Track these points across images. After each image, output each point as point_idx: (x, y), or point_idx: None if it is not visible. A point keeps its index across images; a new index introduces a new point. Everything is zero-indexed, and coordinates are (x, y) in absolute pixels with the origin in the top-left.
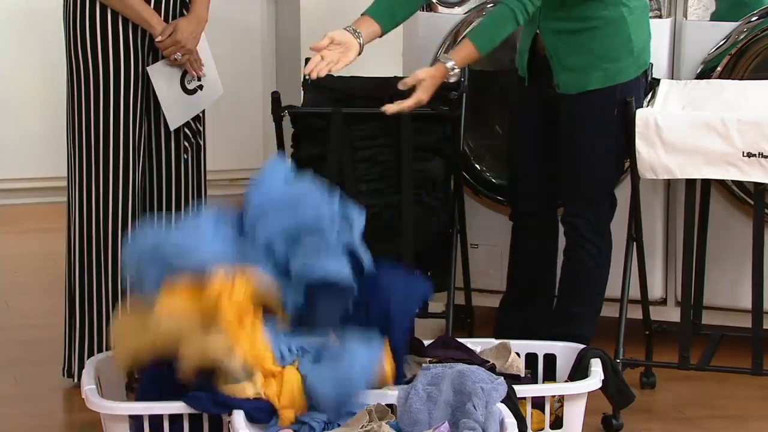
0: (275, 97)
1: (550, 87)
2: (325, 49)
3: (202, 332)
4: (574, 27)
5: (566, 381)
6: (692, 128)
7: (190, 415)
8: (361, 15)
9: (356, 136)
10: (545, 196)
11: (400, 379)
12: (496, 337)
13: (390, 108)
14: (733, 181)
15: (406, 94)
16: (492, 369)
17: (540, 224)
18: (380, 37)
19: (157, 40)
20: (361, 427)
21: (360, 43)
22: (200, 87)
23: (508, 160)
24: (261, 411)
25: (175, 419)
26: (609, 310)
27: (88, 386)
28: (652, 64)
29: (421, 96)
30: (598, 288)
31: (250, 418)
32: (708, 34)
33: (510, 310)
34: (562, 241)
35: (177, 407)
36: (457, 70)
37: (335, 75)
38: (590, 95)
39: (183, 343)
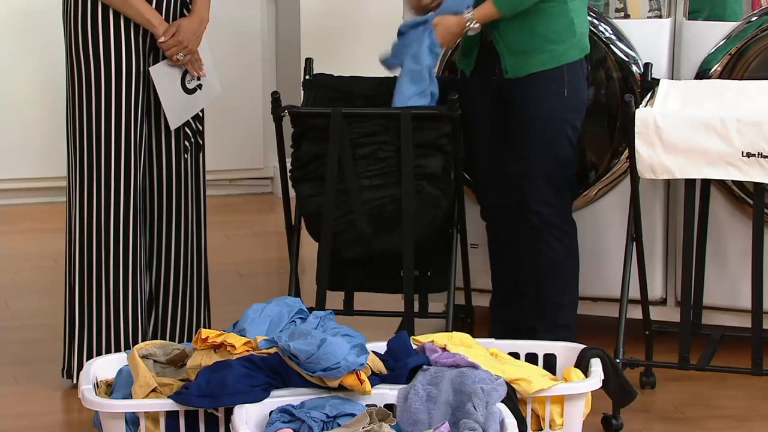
0: (275, 97)
1: (495, 74)
2: None
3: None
4: None
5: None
6: (692, 128)
7: (187, 412)
8: None
9: (356, 134)
10: (509, 185)
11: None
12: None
13: None
14: (733, 181)
15: None
16: None
17: (510, 215)
18: None
19: (160, 40)
20: (362, 429)
21: None
22: (199, 86)
23: (467, 155)
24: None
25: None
26: (609, 310)
27: (85, 386)
28: (651, 64)
29: None
30: (575, 273)
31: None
32: (708, 34)
33: (500, 309)
34: None
35: (170, 404)
36: (476, 25)
37: (335, 75)
38: (538, 77)
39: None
